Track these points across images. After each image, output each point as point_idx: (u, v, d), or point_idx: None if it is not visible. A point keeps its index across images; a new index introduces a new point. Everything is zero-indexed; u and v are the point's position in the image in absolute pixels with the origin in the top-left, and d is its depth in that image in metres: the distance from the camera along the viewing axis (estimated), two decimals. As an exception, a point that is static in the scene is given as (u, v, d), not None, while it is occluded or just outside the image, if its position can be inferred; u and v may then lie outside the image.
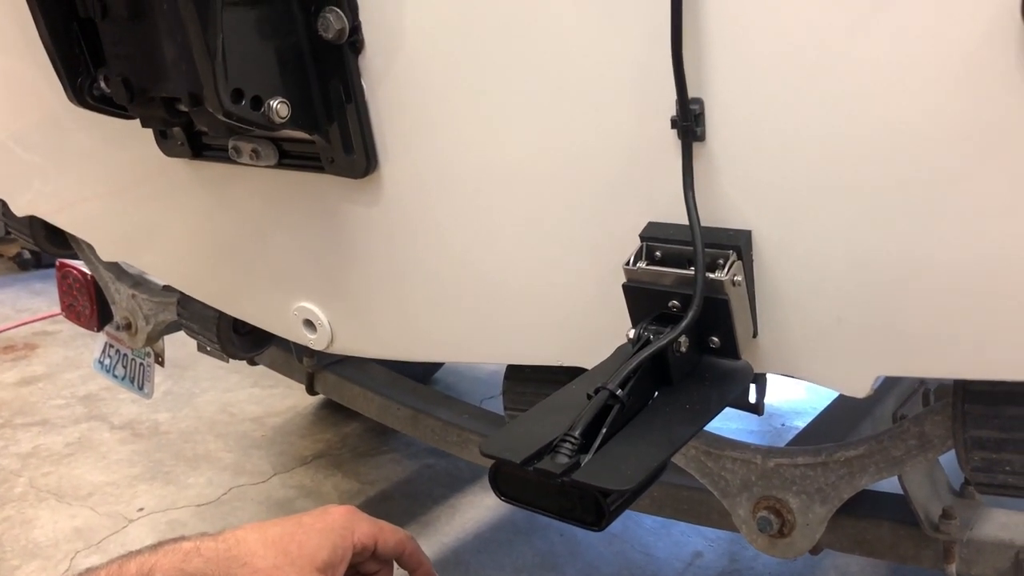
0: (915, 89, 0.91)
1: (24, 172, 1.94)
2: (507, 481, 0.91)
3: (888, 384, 1.74)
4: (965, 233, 0.94)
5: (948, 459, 1.39)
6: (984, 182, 0.91)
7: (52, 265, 2.80)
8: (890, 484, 1.42)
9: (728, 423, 3.06)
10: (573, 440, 0.88)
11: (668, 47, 0.98)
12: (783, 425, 3.45)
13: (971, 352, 0.99)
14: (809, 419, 3.34)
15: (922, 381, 1.70)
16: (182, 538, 0.90)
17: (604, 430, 0.90)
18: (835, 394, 2.04)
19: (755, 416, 2.07)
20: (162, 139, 1.52)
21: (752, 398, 1.91)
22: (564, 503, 0.89)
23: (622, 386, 0.93)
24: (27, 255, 5.58)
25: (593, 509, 0.87)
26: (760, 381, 1.88)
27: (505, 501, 0.92)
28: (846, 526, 1.57)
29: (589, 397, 0.93)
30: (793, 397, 3.53)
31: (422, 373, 3.39)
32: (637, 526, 2.83)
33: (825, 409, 1.95)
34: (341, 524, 0.97)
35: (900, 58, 0.91)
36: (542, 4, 1.09)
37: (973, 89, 0.88)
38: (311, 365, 2.47)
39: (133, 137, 1.55)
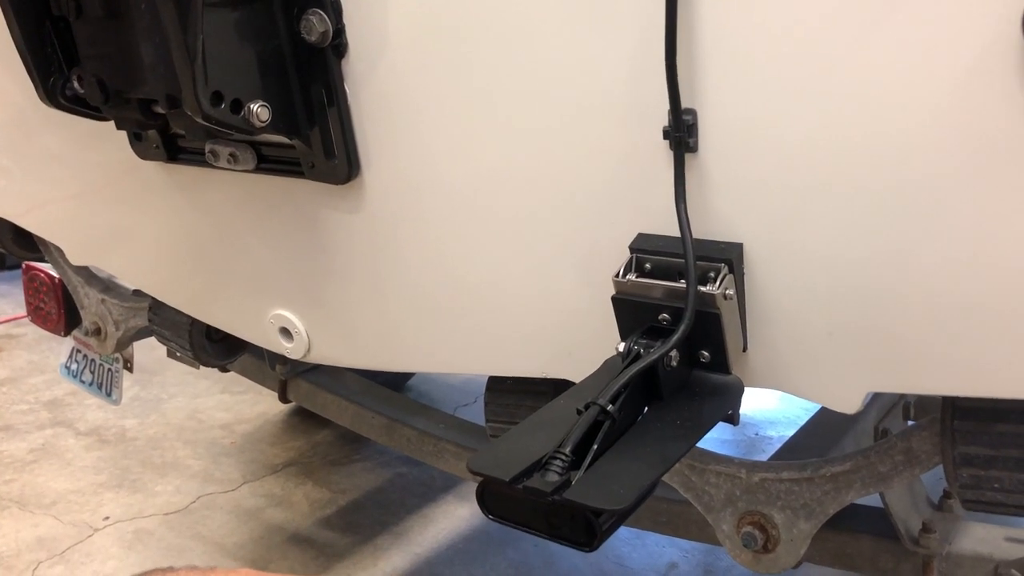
0: (908, 105, 0.90)
1: (-9, 173, 1.88)
2: (495, 499, 0.89)
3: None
4: (956, 252, 0.93)
5: (927, 473, 1.38)
6: (974, 203, 0.91)
7: (17, 266, 2.74)
8: (870, 498, 1.42)
9: (703, 433, 3.04)
10: (564, 457, 0.86)
11: (661, 56, 0.97)
12: (757, 435, 3.45)
13: (962, 369, 0.99)
14: (783, 429, 3.37)
15: (903, 395, 1.70)
16: (170, 569, 0.86)
17: (595, 447, 0.88)
18: (809, 405, 2.04)
19: (730, 426, 2.07)
20: (136, 141, 1.48)
21: (728, 409, 1.92)
22: (554, 522, 0.87)
23: (613, 401, 0.91)
24: (-9, 256, 5.47)
25: (584, 529, 0.85)
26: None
27: (493, 520, 0.90)
28: (826, 539, 1.57)
29: (579, 412, 0.91)
30: (767, 407, 3.54)
31: (395, 380, 3.36)
32: (612, 536, 2.81)
33: (807, 422, 1.95)
34: None
35: (894, 72, 0.90)
36: (531, 10, 1.07)
37: (967, 108, 0.88)
38: (284, 372, 2.43)
39: (106, 138, 1.51)
